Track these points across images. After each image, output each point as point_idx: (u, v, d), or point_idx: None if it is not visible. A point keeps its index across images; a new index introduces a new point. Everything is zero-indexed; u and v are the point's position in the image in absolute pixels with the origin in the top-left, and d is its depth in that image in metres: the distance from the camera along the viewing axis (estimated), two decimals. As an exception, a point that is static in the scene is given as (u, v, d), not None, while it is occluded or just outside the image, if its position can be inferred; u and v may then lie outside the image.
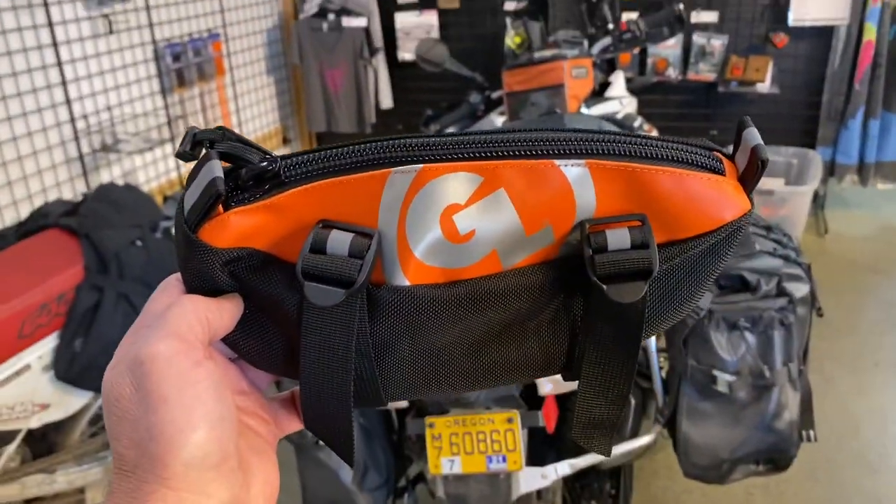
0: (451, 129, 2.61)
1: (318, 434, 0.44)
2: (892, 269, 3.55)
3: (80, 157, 3.03)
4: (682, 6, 2.48)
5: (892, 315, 3.14)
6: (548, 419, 1.61)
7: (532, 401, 1.62)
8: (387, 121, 4.46)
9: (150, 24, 3.38)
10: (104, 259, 1.83)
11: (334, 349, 0.40)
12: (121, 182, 3.01)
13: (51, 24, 2.88)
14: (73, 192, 3.01)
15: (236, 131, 0.41)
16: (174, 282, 0.42)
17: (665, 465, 2.32)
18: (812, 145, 3.96)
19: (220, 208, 0.39)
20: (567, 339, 0.43)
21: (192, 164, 0.40)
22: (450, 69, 2.66)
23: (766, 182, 3.61)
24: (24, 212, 2.68)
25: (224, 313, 0.40)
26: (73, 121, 2.99)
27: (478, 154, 0.39)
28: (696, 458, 1.64)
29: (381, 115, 4.43)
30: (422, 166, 0.39)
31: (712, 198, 0.39)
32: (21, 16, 2.76)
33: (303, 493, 1.65)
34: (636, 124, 2.23)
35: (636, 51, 3.76)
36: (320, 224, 0.39)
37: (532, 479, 1.59)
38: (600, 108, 2.40)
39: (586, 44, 2.58)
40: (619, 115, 2.31)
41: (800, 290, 1.61)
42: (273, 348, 0.43)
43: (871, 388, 2.69)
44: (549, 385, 1.58)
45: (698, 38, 3.91)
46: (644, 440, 1.73)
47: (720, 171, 0.40)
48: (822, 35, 3.82)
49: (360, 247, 0.39)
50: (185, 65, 3.55)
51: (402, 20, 4.30)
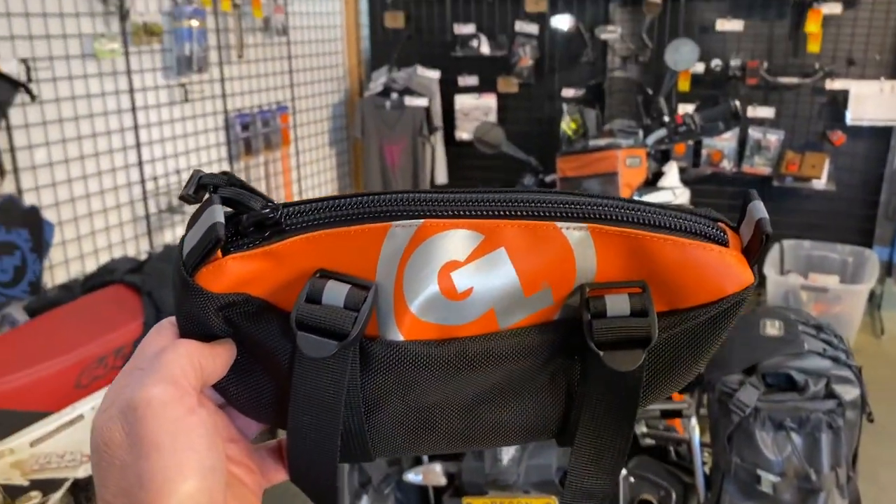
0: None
1: (302, 487, 0.43)
2: (952, 376, 3.43)
3: (147, 216, 3.17)
4: (738, 102, 2.52)
5: (951, 425, 3.02)
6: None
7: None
8: (441, 197, 4.55)
9: (223, 95, 3.56)
10: (163, 317, 1.90)
11: (324, 401, 0.39)
12: (182, 242, 3.12)
13: (132, 91, 3.06)
14: (136, 249, 3.14)
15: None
16: (168, 325, 0.41)
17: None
18: (869, 244, 3.90)
19: (219, 253, 0.38)
20: (562, 403, 0.43)
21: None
22: (506, 152, 2.73)
23: (820, 279, 3.56)
24: (91, 266, 2.80)
25: (217, 359, 0.40)
26: (143, 182, 3.14)
27: (479, 212, 0.39)
28: (738, 559, 1.59)
29: (436, 190, 4.52)
30: (423, 221, 0.39)
31: (714, 268, 0.39)
32: (106, 82, 2.95)
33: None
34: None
35: (691, 142, 3.80)
36: (317, 274, 0.39)
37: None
38: (652, 198, 2.43)
39: (641, 134, 2.63)
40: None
41: (849, 392, 1.58)
42: (263, 396, 0.42)
43: (927, 500, 2.57)
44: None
45: (754, 133, 3.94)
46: (684, 537, 1.69)
47: (724, 243, 0.40)
48: (881, 135, 3.81)
49: (356, 299, 0.38)
50: (252, 134, 3.71)
51: (462, 102, 4.44)
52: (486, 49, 4.36)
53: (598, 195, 0.40)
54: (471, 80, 4.43)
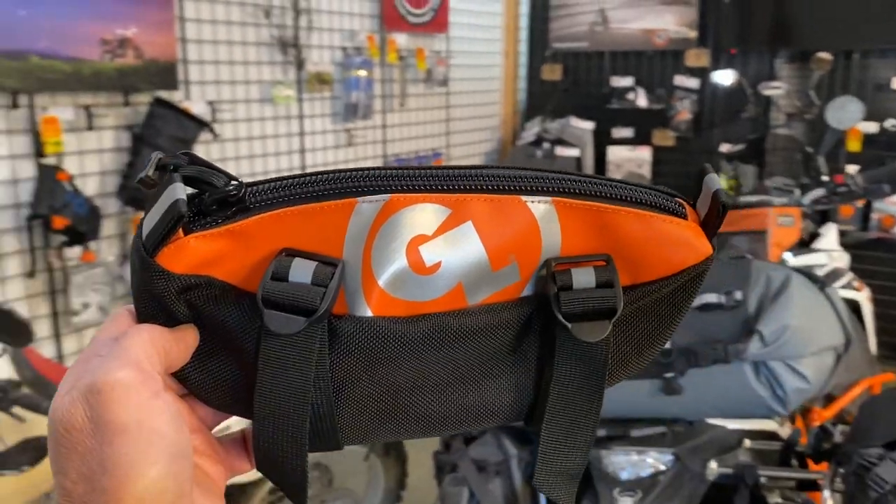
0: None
1: (269, 475, 0.42)
2: None
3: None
4: (908, 163, 2.36)
5: None
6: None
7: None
8: (588, 247, 4.53)
9: (384, 141, 3.77)
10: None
11: (292, 381, 0.38)
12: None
13: (302, 134, 3.32)
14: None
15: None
16: (124, 312, 0.40)
17: None
18: None
19: (181, 232, 0.37)
20: (532, 382, 0.43)
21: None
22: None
23: None
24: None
25: (181, 344, 0.39)
26: (305, 217, 3.37)
27: (446, 186, 0.39)
28: None
29: (584, 241, 4.52)
30: (390, 196, 0.38)
31: (675, 241, 0.40)
32: (280, 125, 3.22)
33: None
34: (843, 281, 2.13)
35: (860, 204, 3.58)
36: (283, 252, 0.38)
37: None
38: (804, 259, 2.31)
39: (798, 192, 2.52)
40: (826, 269, 2.21)
41: None
42: (227, 384, 0.41)
43: None
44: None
45: (934, 197, 3.65)
46: None
47: (683, 216, 0.40)
48: None
49: (323, 275, 0.38)
50: (407, 177, 3.89)
51: (615, 153, 4.44)
52: (642, 102, 4.34)
53: (562, 171, 0.40)
54: (625, 132, 4.42)
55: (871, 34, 3.69)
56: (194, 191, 0.38)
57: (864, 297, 2.17)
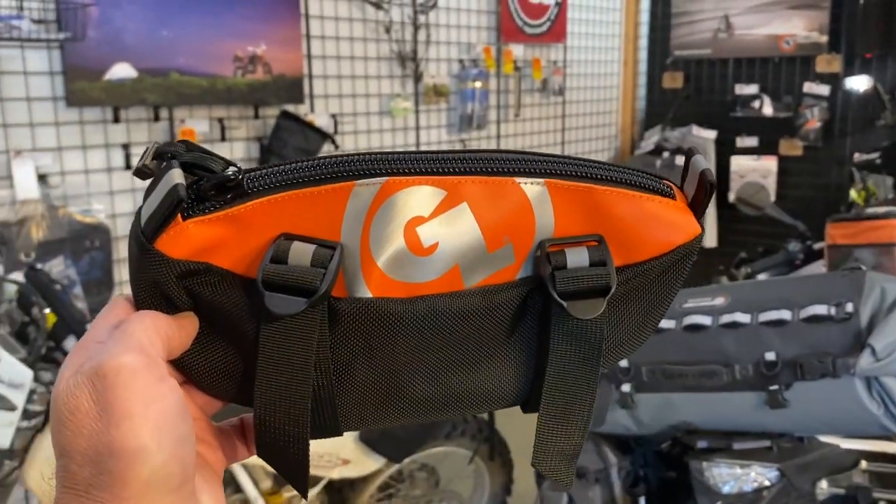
0: (763, 276, 2.54)
1: (270, 461, 0.42)
2: None
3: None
4: None
5: None
6: None
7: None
8: (708, 259, 4.40)
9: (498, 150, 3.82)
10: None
11: (293, 364, 0.39)
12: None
13: (418, 145, 3.42)
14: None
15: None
16: (122, 300, 0.40)
17: None
18: None
19: (179, 217, 0.37)
20: (528, 365, 0.44)
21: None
22: (771, 214, 2.62)
23: None
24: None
25: (182, 331, 0.39)
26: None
27: (441, 169, 0.40)
28: None
29: (702, 252, 4.39)
30: (386, 179, 0.39)
31: (664, 220, 0.41)
32: (397, 136, 3.33)
33: None
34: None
35: None
36: (281, 236, 0.39)
37: None
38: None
39: (934, 204, 2.37)
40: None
41: None
42: (226, 372, 0.42)
43: None
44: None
45: None
46: None
47: (671, 196, 0.42)
48: None
49: (322, 257, 0.38)
50: (521, 187, 3.92)
51: (739, 163, 4.29)
52: (768, 110, 4.18)
53: (553, 154, 0.41)
54: (750, 142, 4.27)
55: None
56: (193, 178, 0.38)
57: None
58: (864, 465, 1.51)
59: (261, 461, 0.43)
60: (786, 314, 1.40)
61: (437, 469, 2.44)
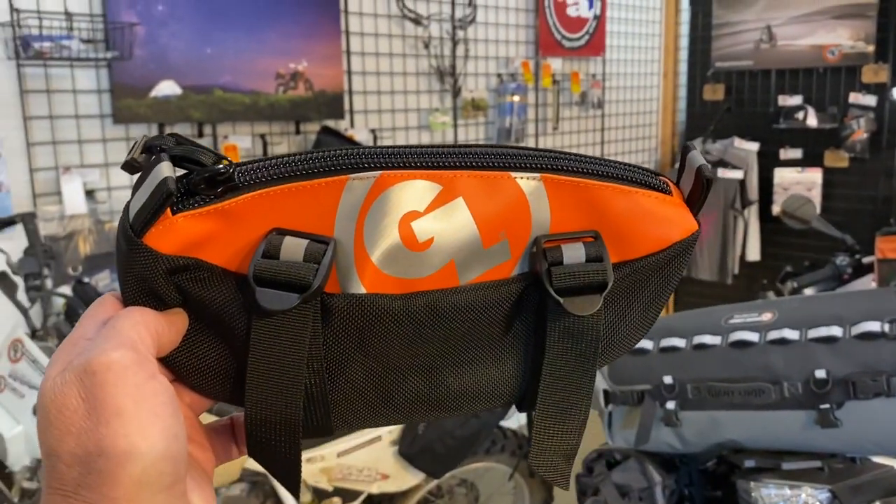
0: (809, 291, 2.49)
1: (261, 461, 0.41)
2: None
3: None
4: None
5: None
6: None
7: None
8: (751, 272, 4.33)
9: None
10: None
11: (285, 361, 0.38)
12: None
13: (456, 158, 3.42)
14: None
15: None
16: (111, 297, 0.39)
17: None
18: None
19: (168, 212, 0.36)
20: (523, 364, 0.43)
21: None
22: (817, 228, 2.56)
23: None
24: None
25: (172, 327, 0.38)
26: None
27: (436, 163, 0.39)
28: None
29: (745, 266, 4.32)
30: (380, 173, 0.38)
31: (660, 216, 0.41)
32: (435, 150, 3.34)
33: None
34: None
35: None
36: (273, 231, 0.38)
37: None
38: None
39: None
40: None
41: None
42: (216, 370, 0.41)
43: None
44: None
45: None
46: None
47: (667, 192, 0.41)
48: None
49: (315, 252, 0.37)
50: (560, 201, 3.90)
51: (782, 175, 4.22)
52: (812, 121, 4.11)
53: (549, 149, 0.41)
54: (793, 154, 4.19)
55: None
56: (183, 172, 0.37)
57: None
58: (919, 487, 1.47)
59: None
60: (836, 330, 1.36)
61: (476, 485, 2.43)
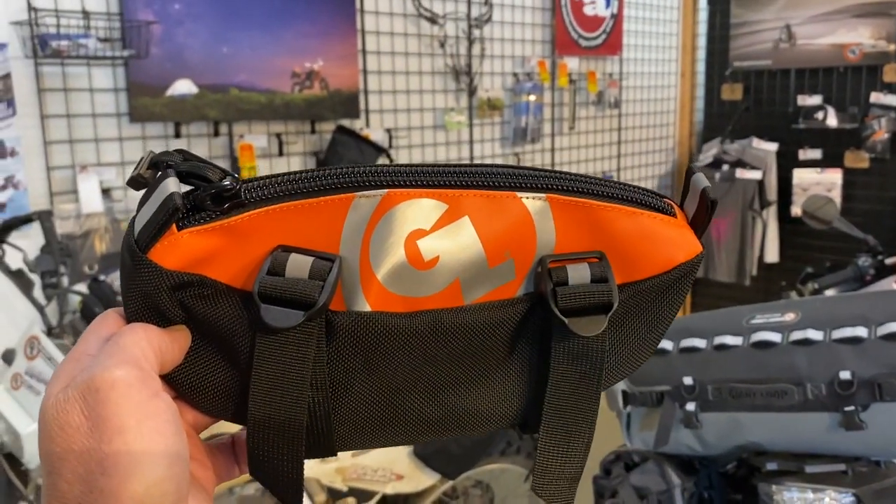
0: (830, 292, 2.45)
1: (262, 481, 0.40)
2: None
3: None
4: None
5: None
6: None
7: None
8: (769, 275, 4.28)
9: (553, 164, 3.79)
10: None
11: (289, 379, 0.38)
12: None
13: (471, 158, 3.41)
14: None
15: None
16: (113, 314, 0.39)
17: None
18: None
19: (174, 227, 0.36)
20: (527, 387, 0.43)
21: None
22: (838, 228, 2.52)
23: None
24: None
25: (175, 344, 0.38)
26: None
27: (442, 182, 0.39)
28: None
29: (764, 268, 4.28)
30: (386, 191, 0.38)
31: (665, 238, 0.41)
32: (451, 150, 3.33)
33: None
34: None
35: None
36: (278, 248, 0.38)
37: None
38: None
39: None
40: None
41: None
42: (218, 388, 0.40)
43: None
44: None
45: None
46: None
47: (671, 214, 0.41)
48: None
49: (321, 269, 0.37)
50: (576, 201, 3.88)
51: (801, 176, 4.17)
52: (832, 121, 4.06)
53: (554, 170, 0.41)
54: (813, 154, 4.15)
55: None
56: (189, 188, 0.37)
57: None
58: (946, 491, 1.43)
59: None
60: (862, 331, 1.33)
61: (491, 486, 2.41)
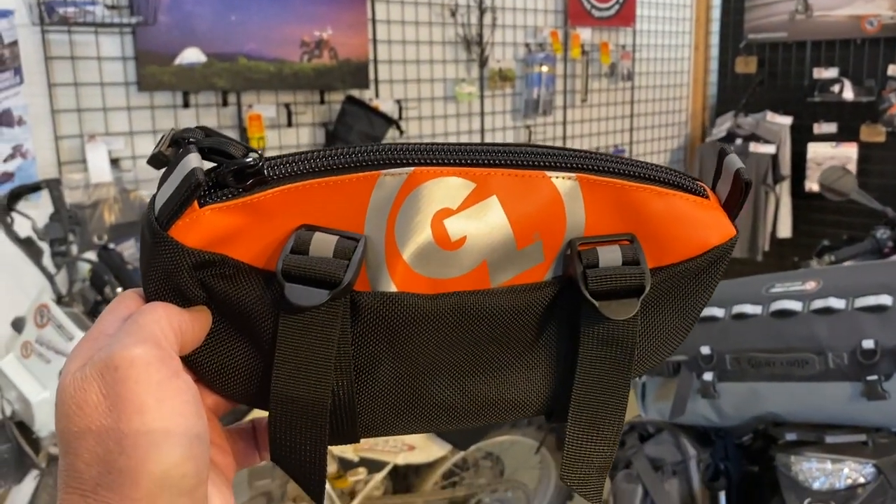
0: (848, 263, 2.42)
1: (284, 466, 0.39)
2: None
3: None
4: None
5: None
6: None
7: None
8: (781, 250, 4.24)
9: (564, 137, 3.74)
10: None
11: (313, 361, 0.37)
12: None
13: (482, 131, 3.37)
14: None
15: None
16: (132, 294, 0.38)
17: None
18: None
19: (196, 204, 0.35)
20: (555, 375, 0.42)
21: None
22: (857, 200, 2.48)
23: None
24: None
25: (195, 324, 0.36)
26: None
27: (470, 160, 0.38)
28: None
29: (776, 243, 4.24)
30: (413, 169, 0.37)
31: (697, 220, 0.40)
32: (461, 122, 3.29)
33: None
34: None
35: None
36: (302, 227, 0.37)
37: None
38: None
39: None
40: None
41: None
42: (239, 371, 0.39)
43: None
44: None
45: None
46: None
47: (704, 196, 0.40)
48: None
49: (346, 248, 0.36)
50: (588, 175, 3.84)
51: (816, 150, 4.11)
52: (849, 94, 3.99)
53: (584, 150, 0.39)
54: (828, 128, 4.09)
55: None
56: (211, 164, 0.36)
57: None
58: (968, 464, 1.41)
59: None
60: (886, 299, 1.30)
61: (502, 458, 2.40)
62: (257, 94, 2.63)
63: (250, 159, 0.35)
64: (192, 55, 2.41)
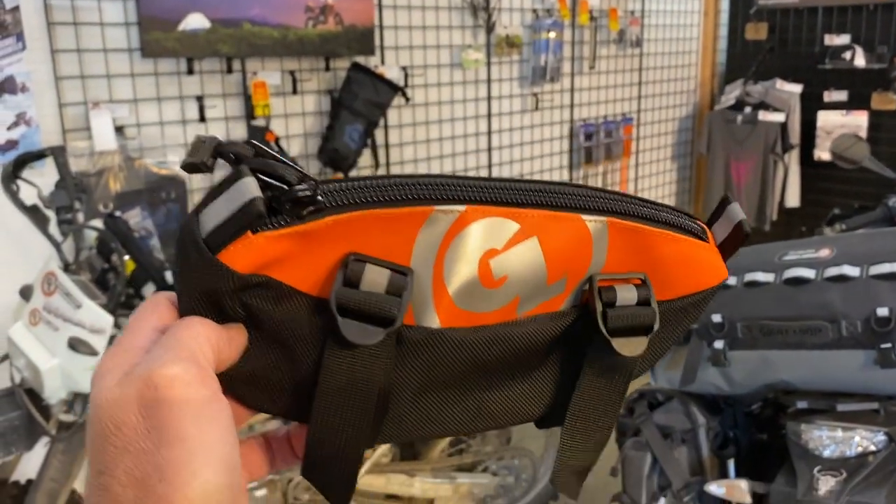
0: (860, 231, 2.40)
1: (315, 481, 0.40)
2: None
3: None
4: None
5: None
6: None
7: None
8: (790, 220, 4.22)
9: (571, 105, 3.71)
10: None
11: (357, 392, 0.37)
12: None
13: (489, 98, 3.33)
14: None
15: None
16: (165, 301, 0.37)
17: None
18: None
19: (249, 231, 0.35)
20: (552, 390, 0.45)
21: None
22: (870, 168, 2.46)
23: None
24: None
25: (232, 342, 0.36)
26: (490, 181, 3.40)
27: (515, 200, 0.39)
28: None
29: (785, 213, 4.21)
30: (465, 207, 0.38)
31: (699, 263, 0.44)
32: (468, 89, 3.25)
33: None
34: None
35: None
36: (351, 256, 0.37)
37: None
38: None
39: None
40: None
41: None
42: (270, 385, 0.39)
43: None
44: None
45: None
46: None
47: (705, 239, 0.44)
48: None
49: (398, 284, 0.37)
50: (595, 144, 3.81)
51: (826, 119, 4.07)
52: (860, 61, 3.94)
53: (611, 191, 0.42)
54: (838, 96, 4.04)
55: None
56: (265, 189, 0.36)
57: None
58: (979, 432, 1.41)
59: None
60: (901, 267, 1.29)
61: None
62: (262, 61, 2.60)
63: (308, 188, 0.35)
64: (195, 21, 2.37)
